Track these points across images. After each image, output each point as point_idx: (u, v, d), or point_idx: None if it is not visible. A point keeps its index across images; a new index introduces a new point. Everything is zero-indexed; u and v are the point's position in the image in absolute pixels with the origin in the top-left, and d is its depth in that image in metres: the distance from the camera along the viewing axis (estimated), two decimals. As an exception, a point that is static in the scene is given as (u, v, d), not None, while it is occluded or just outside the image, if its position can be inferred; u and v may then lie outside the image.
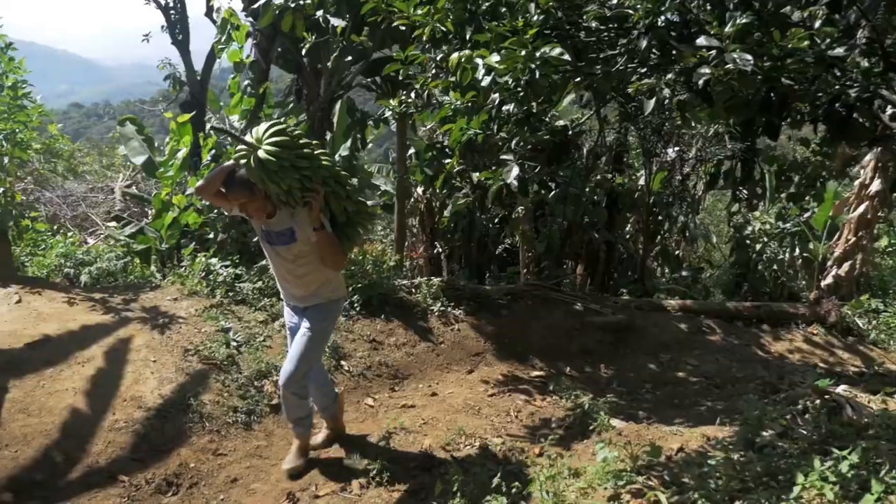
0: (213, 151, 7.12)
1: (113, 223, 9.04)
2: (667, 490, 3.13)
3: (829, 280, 8.17)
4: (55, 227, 8.54)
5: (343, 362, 5.50)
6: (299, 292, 3.80)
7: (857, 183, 8.07)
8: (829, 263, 8.37)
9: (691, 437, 4.06)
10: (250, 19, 7.84)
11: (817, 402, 4.04)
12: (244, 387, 4.75)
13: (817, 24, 2.63)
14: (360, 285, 6.32)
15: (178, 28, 8.07)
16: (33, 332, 4.86)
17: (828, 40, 2.68)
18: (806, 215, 9.21)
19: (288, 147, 3.42)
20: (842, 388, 4.20)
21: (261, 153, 3.37)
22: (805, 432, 3.57)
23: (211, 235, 7.04)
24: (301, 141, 3.52)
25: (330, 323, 3.95)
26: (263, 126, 3.49)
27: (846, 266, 8.09)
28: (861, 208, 8.03)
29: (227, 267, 6.23)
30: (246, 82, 8.14)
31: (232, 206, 3.65)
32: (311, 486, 3.82)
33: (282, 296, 3.99)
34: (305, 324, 3.79)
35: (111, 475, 3.76)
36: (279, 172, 3.38)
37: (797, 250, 9.45)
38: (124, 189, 11.77)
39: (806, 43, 2.64)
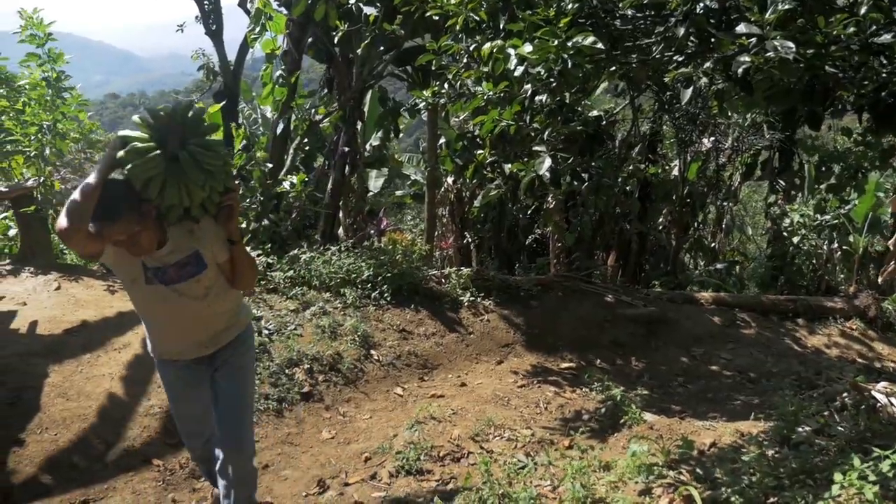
0: (244, 142, 7.19)
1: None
2: (699, 485, 3.09)
3: (886, 276, 7.96)
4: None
5: (373, 351, 5.53)
6: (210, 333, 2.79)
7: None
8: (886, 259, 8.16)
9: (724, 431, 4.00)
10: (283, 9, 7.87)
11: (856, 398, 3.95)
12: (275, 375, 4.81)
13: (863, 9, 2.53)
14: (389, 275, 6.34)
15: (211, 18, 8.14)
16: (72, 319, 4.97)
17: (874, 27, 2.58)
18: (846, 207, 8.97)
19: (209, 132, 2.58)
20: (881, 385, 4.09)
21: (192, 147, 2.47)
22: (842, 429, 3.50)
23: (243, 225, 7.12)
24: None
25: (254, 351, 3.10)
26: (167, 107, 2.52)
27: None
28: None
29: (258, 255, 6.30)
30: (278, 72, 8.20)
31: (102, 247, 2.45)
32: (340, 473, 3.86)
33: (162, 355, 2.85)
34: (232, 369, 2.87)
35: (146, 459, 3.84)
36: (215, 173, 2.52)
37: (836, 243, 9.23)
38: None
39: (851, 29, 2.56)
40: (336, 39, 7.18)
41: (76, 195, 2.31)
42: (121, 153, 2.39)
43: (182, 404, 2.96)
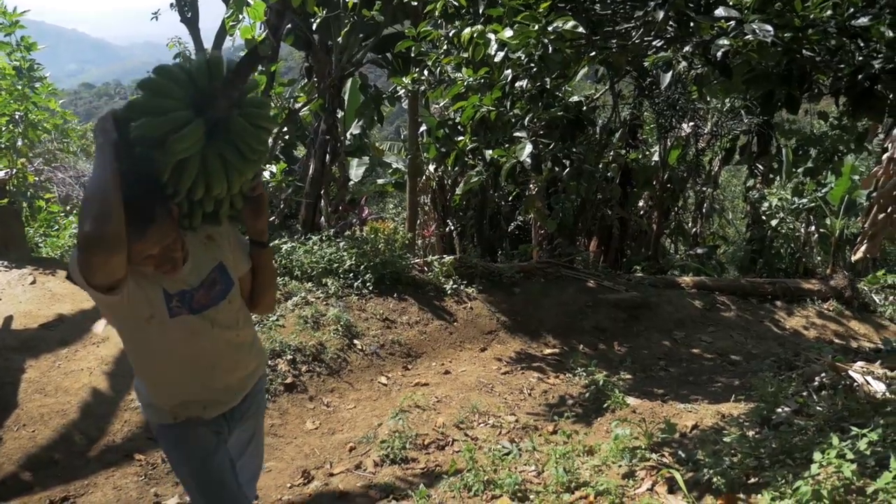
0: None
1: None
2: (681, 467, 3.12)
3: (858, 255, 8.09)
4: (68, 208, 8.58)
5: (356, 341, 5.52)
6: (244, 373, 2.11)
7: (885, 157, 7.94)
8: (859, 239, 8.28)
9: (706, 414, 4.05)
10: (260, -5, 7.76)
11: (833, 378, 4.01)
12: (258, 365, 4.77)
13: (842, -9, 2.55)
14: (372, 264, 6.31)
15: (186, 6, 8.00)
16: (48, 313, 4.89)
17: (851, 9, 2.60)
18: (823, 191, 9.09)
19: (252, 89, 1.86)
20: (858, 365, 4.16)
21: (250, 109, 1.78)
22: (821, 409, 3.54)
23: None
24: None
25: None
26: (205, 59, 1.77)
27: (875, 242, 7.98)
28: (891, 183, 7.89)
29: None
30: (256, 60, 8.08)
31: (119, 270, 1.66)
32: (325, 463, 3.85)
33: (179, 416, 2.00)
34: (255, 421, 2.28)
35: (127, 454, 3.80)
36: (265, 150, 1.87)
37: (813, 226, 9.35)
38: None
39: (828, 13, 2.57)
40: (314, 26, 7.10)
41: (89, 196, 1.61)
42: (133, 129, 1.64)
43: (221, 478, 2.04)
